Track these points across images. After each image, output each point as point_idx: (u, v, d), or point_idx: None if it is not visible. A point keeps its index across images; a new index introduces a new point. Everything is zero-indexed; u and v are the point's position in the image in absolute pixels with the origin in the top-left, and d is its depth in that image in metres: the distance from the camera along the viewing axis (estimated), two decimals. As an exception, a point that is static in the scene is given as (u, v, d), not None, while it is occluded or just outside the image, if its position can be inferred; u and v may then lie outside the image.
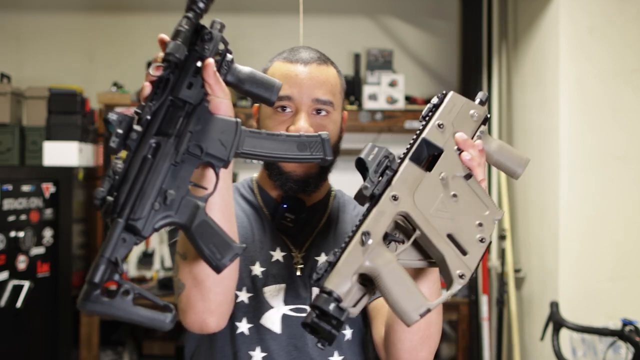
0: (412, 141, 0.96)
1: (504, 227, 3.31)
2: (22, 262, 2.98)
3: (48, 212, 3.13)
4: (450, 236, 0.89)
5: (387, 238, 0.87)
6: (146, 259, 3.73)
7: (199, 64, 0.89)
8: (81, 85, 3.50)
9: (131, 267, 3.76)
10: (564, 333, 2.61)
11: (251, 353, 1.15)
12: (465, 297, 3.37)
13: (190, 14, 0.88)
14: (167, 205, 0.84)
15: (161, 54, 0.87)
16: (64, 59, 3.83)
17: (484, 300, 3.38)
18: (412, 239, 0.88)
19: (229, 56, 0.93)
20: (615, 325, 2.48)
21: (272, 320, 1.16)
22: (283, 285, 1.18)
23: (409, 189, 0.90)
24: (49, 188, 3.14)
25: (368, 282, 0.86)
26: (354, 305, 0.84)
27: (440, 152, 0.95)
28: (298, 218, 1.22)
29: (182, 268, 0.99)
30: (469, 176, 0.95)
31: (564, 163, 2.78)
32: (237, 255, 0.89)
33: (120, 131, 0.84)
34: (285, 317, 1.16)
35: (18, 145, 3.26)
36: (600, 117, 2.77)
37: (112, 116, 0.84)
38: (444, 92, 1.01)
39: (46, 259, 3.11)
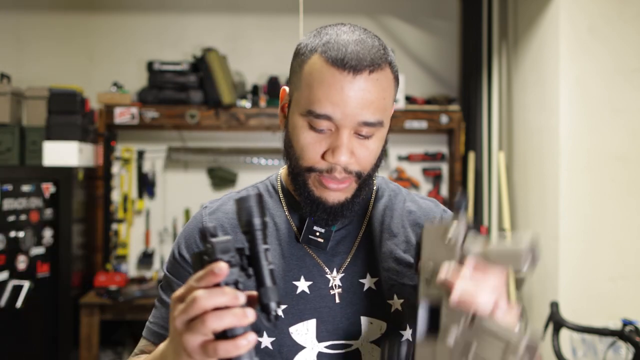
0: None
1: (504, 227, 3.31)
2: (22, 262, 2.98)
3: (48, 212, 3.13)
4: None
5: None
6: (146, 259, 3.73)
7: None
8: (81, 85, 3.51)
9: (131, 267, 3.76)
10: (564, 333, 2.61)
11: None
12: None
13: None
14: None
15: None
16: (64, 59, 3.83)
17: (484, 300, 3.37)
18: None
19: None
20: (615, 325, 2.47)
21: None
22: (313, 321, 1.00)
23: None
24: (49, 188, 3.14)
25: None
26: None
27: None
28: (328, 231, 1.01)
29: None
30: (473, 318, 0.78)
31: (564, 163, 2.78)
32: None
33: None
34: (320, 356, 0.99)
35: (18, 145, 3.25)
36: (600, 117, 2.77)
37: None
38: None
39: (46, 259, 3.11)
